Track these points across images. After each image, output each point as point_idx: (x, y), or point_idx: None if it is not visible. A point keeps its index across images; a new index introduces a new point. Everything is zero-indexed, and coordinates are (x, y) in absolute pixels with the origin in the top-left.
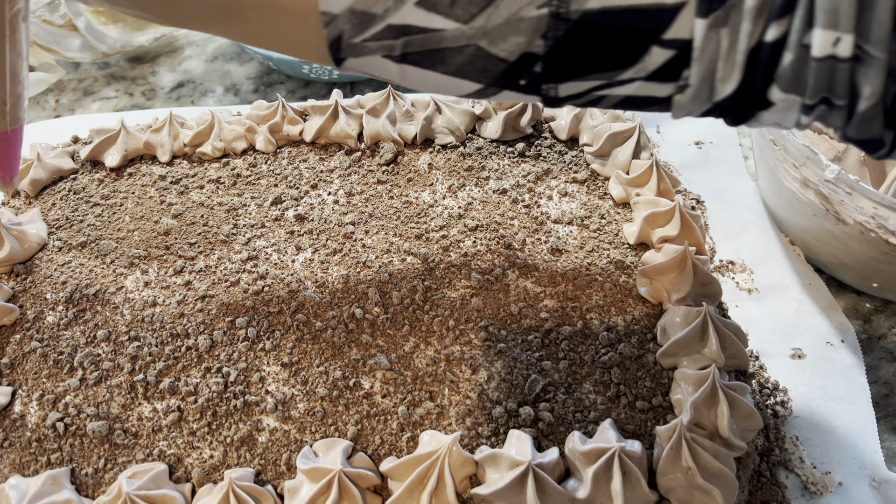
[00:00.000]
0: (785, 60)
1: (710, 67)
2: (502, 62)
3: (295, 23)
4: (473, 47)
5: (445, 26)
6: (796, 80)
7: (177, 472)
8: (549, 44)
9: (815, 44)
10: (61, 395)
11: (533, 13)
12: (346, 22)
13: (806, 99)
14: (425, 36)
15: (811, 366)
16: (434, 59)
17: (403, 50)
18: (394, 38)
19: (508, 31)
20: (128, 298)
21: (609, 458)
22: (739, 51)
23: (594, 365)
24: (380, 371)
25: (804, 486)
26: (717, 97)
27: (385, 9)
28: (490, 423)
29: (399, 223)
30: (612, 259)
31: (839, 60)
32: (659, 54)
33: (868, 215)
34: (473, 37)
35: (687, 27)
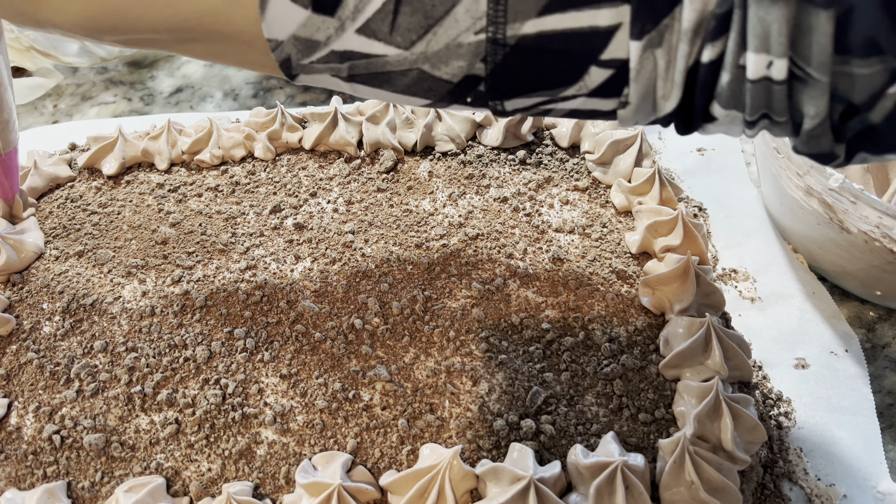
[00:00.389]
0: (723, 80)
1: (650, 85)
2: (447, 83)
3: (244, 48)
4: (417, 71)
5: (387, 52)
6: (735, 98)
7: (174, 485)
8: (489, 67)
9: (749, 66)
10: (58, 406)
11: (471, 39)
12: (292, 47)
13: (746, 115)
14: (369, 61)
15: (815, 376)
16: (380, 80)
17: (350, 72)
18: (339, 63)
19: (449, 56)
20: (125, 308)
21: (612, 473)
22: (678, 70)
23: (596, 376)
24: (379, 383)
25: (808, 498)
26: (660, 113)
27: (327, 36)
28: (491, 436)
29: (399, 232)
30: (614, 268)
31: (774, 82)
32: (598, 73)
33: (872, 224)
34: (416, 61)
35: (623, 48)
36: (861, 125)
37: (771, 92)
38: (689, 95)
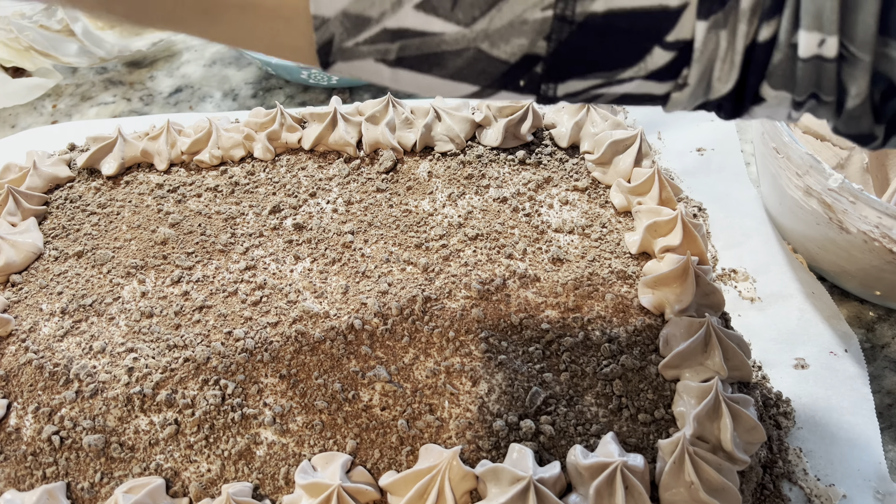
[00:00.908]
0: (775, 59)
1: (709, 67)
2: (503, 64)
3: (280, 26)
4: (473, 50)
5: (445, 30)
6: (786, 77)
7: (174, 486)
8: (552, 45)
9: (801, 44)
10: (57, 407)
11: (537, 15)
12: (339, 25)
13: (795, 95)
14: (423, 40)
15: (814, 376)
16: (431, 62)
17: (399, 54)
18: (389, 42)
19: (511, 34)
20: (124, 309)
21: (611, 473)
22: (737, 51)
23: (596, 377)
24: (379, 383)
25: (808, 498)
26: (714, 95)
27: (381, 12)
28: (491, 437)
29: (398, 232)
30: (613, 269)
31: (825, 60)
32: (660, 55)
33: (872, 224)
34: (474, 40)
35: (688, 28)
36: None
37: (822, 70)
38: (743, 77)
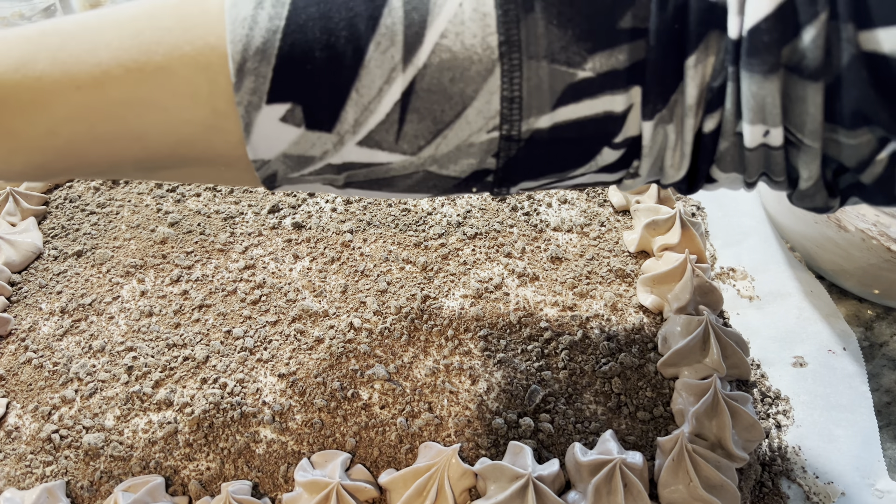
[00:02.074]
0: (722, 147)
1: (659, 157)
2: (453, 179)
3: (222, 168)
4: (423, 172)
5: (391, 160)
6: (734, 162)
7: (173, 484)
8: (501, 161)
9: (746, 136)
10: (56, 406)
11: (483, 138)
12: (280, 164)
13: (746, 177)
14: (369, 169)
15: (813, 374)
16: (381, 184)
17: (346, 181)
18: (335, 174)
19: (459, 156)
20: (124, 308)
21: (610, 471)
22: (686, 142)
23: (594, 375)
24: (378, 382)
25: (806, 496)
26: (668, 181)
27: (323, 151)
28: (490, 435)
29: (397, 231)
30: (612, 267)
31: (771, 148)
32: (610, 154)
33: (870, 222)
34: (422, 164)
35: (635, 127)
36: (853, 180)
37: (769, 156)
38: (693, 162)
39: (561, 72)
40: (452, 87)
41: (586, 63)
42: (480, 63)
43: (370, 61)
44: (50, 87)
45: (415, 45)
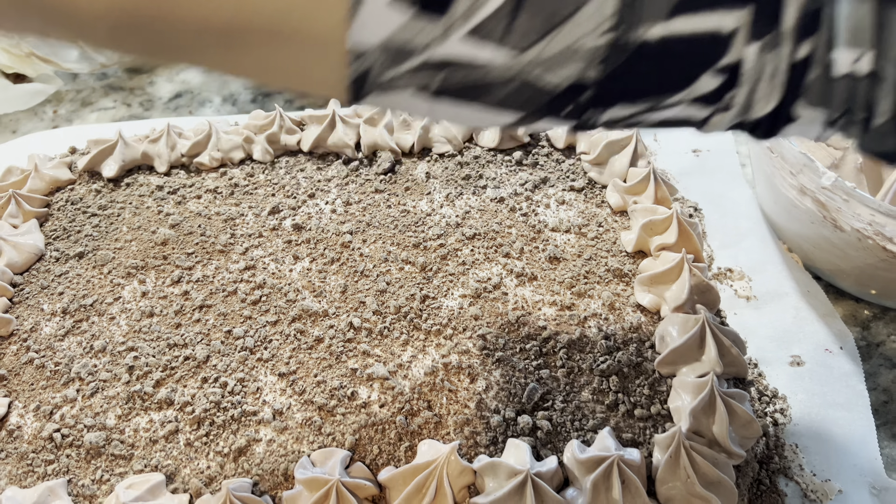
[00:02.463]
0: (810, 77)
1: (753, 88)
2: (548, 93)
3: (311, 56)
4: (521, 80)
5: (494, 58)
6: (821, 95)
7: (174, 483)
8: (603, 73)
9: (838, 61)
10: (58, 406)
11: (592, 42)
12: (377, 57)
13: (831, 113)
14: (469, 70)
15: (810, 373)
16: (475, 92)
17: (441, 85)
18: (433, 73)
19: (563, 61)
20: (125, 309)
21: (608, 467)
22: (781, 71)
23: (592, 373)
24: (377, 381)
25: (804, 493)
26: (754, 116)
27: (426, 42)
28: (488, 432)
29: (397, 232)
30: (609, 267)
31: (857, 77)
32: (708, 81)
33: (865, 222)
34: (523, 68)
35: (738, 51)
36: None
37: (856, 87)
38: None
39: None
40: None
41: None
42: None
43: None
44: None
45: None
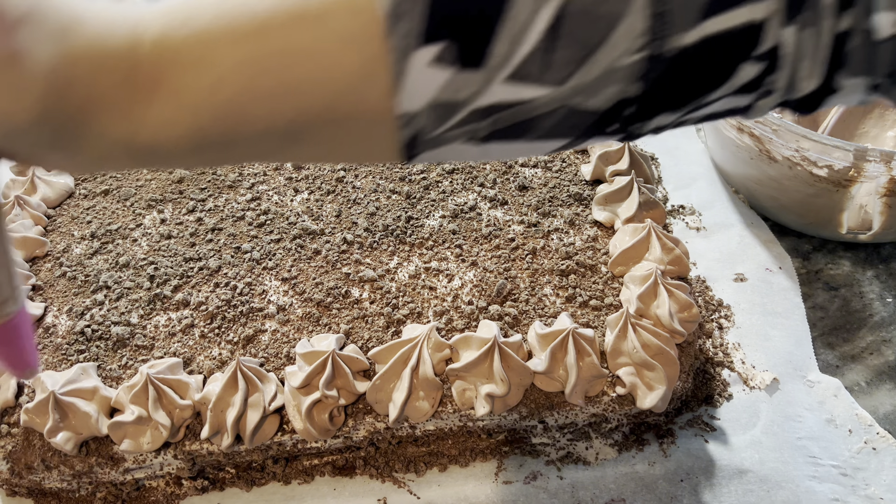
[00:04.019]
0: (851, 46)
1: (795, 68)
2: (593, 114)
3: (364, 134)
4: (566, 108)
5: (537, 94)
6: (865, 62)
7: (190, 367)
8: (645, 85)
9: (880, 26)
10: (87, 308)
11: (629, 60)
12: (426, 117)
13: (874, 78)
14: (514, 110)
15: (752, 287)
16: (522, 129)
17: (490, 129)
18: (479, 121)
19: (604, 84)
20: (146, 233)
21: (564, 338)
22: (823, 46)
23: (553, 273)
24: (368, 283)
25: (744, 381)
26: (798, 94)
27: (471, 94)
28: (463, 318)
29: (385, 168)
30: (571, 193)
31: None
32: (748, 70)
33: (792, 149)
34: (567, 97)
35: (774, 36)
36: None
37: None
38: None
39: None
40: (600, 7)
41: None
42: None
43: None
44: (214, 41)
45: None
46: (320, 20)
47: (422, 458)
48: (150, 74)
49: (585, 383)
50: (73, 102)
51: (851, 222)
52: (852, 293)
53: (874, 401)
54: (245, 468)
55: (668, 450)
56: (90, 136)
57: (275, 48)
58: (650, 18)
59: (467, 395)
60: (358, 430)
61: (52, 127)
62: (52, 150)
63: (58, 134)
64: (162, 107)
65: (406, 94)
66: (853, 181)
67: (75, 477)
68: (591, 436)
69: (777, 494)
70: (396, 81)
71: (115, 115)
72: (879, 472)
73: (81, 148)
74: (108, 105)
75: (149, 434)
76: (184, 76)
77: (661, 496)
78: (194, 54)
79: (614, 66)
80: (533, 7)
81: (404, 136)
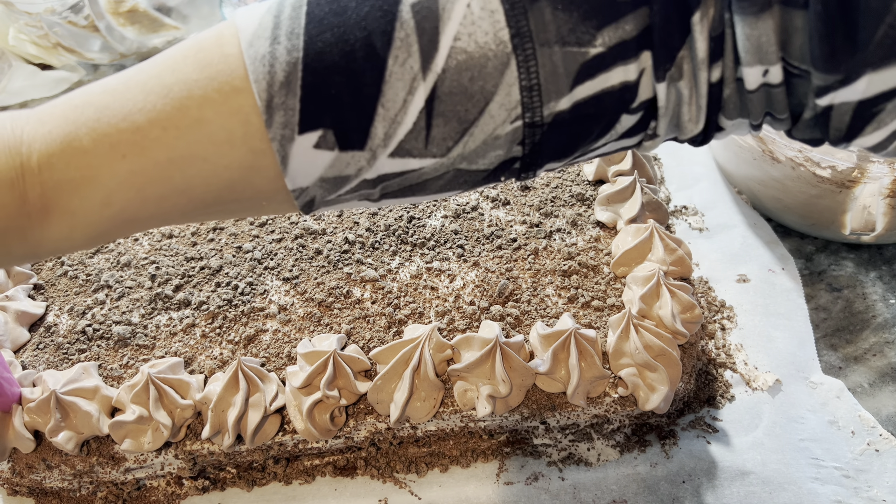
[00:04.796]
0: (725, 94)
1: (675, 114)
2: (482, 172)
3: (263, 202)
4: (453, 171)
5: (423, 165)
6: (740, 108)
7: (191, 366)
8: (527, 147)
9: (747, 79)
10: (89, 307)
11: (507, 129)
12: (318, 189)
13: (751, 120)
14: (403, 177)
15: (754, 288)
16: (414, 189)
17: (382, 192)
18: (370, 188)
19: (486, 150)
20: (147, 232)
21: (566, 338)
22: (701, 95)
23: (556, 273)
24: (369, 282)
25: (746, 382)
26: (686, 135)
27: (358, 169)
28: (464, 319)
29: None
30: (573, 193)
31: (772, 87)
32: (628, 119)
33: (796, 149)
34: (452, 164)
35: (648, 89)
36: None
37: (771, 96)
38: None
39: (573, 52)
40: (472, 85)
41: (596, 40)
42: (496, 58)
43: (391, 76)
44: (97, 161)
45: (431, 53)
46: (199, 125)
47: (423, 459)
48: (41, 201)
49: (587, 384)
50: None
51: (855, 223)
52: (855, 294)
53: (877, 402)
54: (246, 468)
55: (670, 451)
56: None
57: (159, 158)
58: (521, 91)
59: (469, 395)
60: (359, 430)
61: None
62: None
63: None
64: (58, 227)
65: (293, 175)
66: (856, 182)
67: (76, 476)
68: (593, 437)
69: (779, 496)
70: (283, 166)
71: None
72: (882, 473)
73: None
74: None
75: (150, 434)
76: (73, 197)
77: (662, 497)
78: (80, 175)
79: (493, 134)
80: (406, 90)
81: (300, 203)
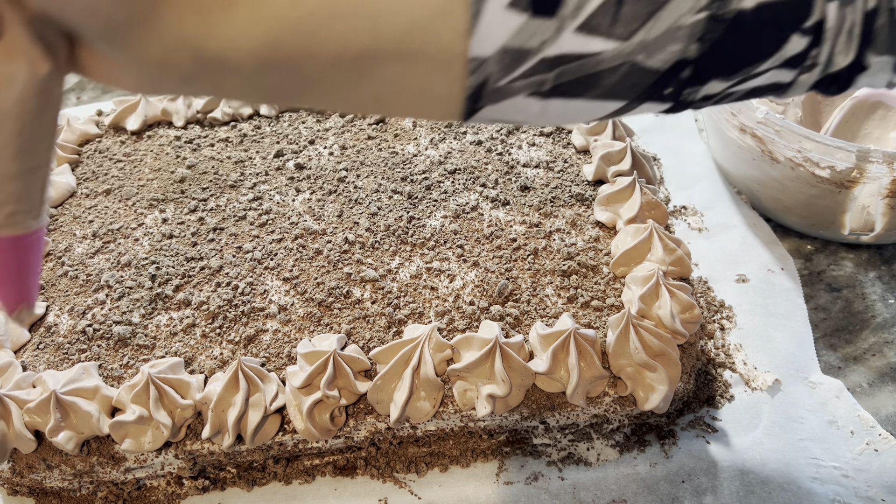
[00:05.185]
0: (878, 24)
1: (835, 43)
2: (654, 73)
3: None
4: (628, 64)
5: (604, 48)
6: (889, 42)
7: (191, 366)
8: (704, 47)
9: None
10: (89, 307)
11: (692, 19)
12: (496, 63)
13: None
14: (580, 63)
15: (754, 288)
16: (586, 84)
17: (555, 82)
18: (546, 72)
19: (667, 41)
20: (147, 232)
21: (566, 338)
22: (857, 23)
23: (555, 273)
24: (369, 283)
25: (746, 382)
26: (833, 69)
27: (542, 41)
28: (464, 319)
29: (387, 169)
30: (573, 193)
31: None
32: (797, 42)
33: (795, 150)
34: (631, 53)
35: (820, 10)
36: None
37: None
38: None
39: None
40: None
41: None
42: None
43: None
44: None
45: None
46: None
47: (423, 459)
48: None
49: (587, 384)
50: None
51: (854, 223)
52: (854, 294)
53: (876, 402)
54: (246, 468)
55: (669, 451)
56: (162, 30)
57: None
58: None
59: (468, 395)
60: (359, 430)
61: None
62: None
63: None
64: (241, 14)
65: (479, 36)
66: (856, 182)
67: (76, 476)
68: (593, 437)
69: (779, 496)
70: (472, 22)
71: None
72: (881, 473)
73: (150, 42)
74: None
75: (150, 433)
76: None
77: (662, 497)
78: None
79: (677, 24)
80: None
81: (472, 84)
